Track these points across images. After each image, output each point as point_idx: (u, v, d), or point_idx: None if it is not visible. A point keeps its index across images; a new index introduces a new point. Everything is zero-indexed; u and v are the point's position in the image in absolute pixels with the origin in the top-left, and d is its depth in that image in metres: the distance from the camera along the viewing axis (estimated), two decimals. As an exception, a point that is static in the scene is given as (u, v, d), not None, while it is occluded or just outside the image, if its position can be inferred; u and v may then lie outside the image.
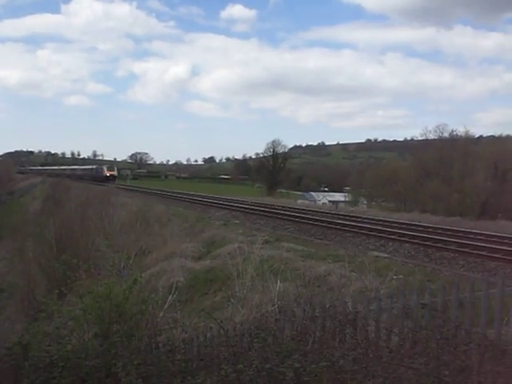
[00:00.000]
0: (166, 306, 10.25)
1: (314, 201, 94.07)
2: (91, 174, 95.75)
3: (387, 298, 6.88)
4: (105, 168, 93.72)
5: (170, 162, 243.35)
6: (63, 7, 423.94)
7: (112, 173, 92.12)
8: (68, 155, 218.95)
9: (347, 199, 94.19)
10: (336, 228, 24.76)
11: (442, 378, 4.76)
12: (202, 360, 6.46)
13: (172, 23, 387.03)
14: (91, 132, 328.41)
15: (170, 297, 10.98)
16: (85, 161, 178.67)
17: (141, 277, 9.74)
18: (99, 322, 8.28)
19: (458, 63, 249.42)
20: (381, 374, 4.75)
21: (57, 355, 6.59)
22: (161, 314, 9.72)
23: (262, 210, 34.37)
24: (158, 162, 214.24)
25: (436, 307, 6.18)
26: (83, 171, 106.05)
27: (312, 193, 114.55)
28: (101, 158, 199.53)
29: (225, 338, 6.33)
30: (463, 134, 75.96)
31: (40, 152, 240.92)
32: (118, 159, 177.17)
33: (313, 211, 34.79)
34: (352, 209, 47.22)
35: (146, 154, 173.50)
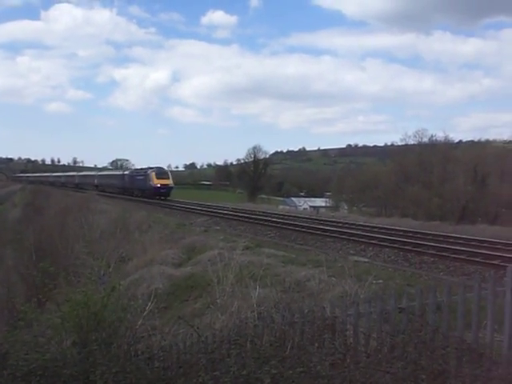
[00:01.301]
0: (145, 314, 10.18)
1: (295, 206, 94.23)
2: (122, 184, 67.26)
3: (365, 303, 6.88)
4: (152, 174, 56.57)
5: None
6: (43, 14, 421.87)
7: (166, 182, 56.68)
8: (48, 162, 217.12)
9: (328, 204, 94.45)
10: (317, 233, 24.81)
11: (420, 382, 4.78)
12: (180, 367, 6.42)
13: (153, 29, 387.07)
14: (71, 139, 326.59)
15: (150, 304, 10.91)
16: (65, 167, 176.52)
17: (119, 284, 9.71)
18: (77, 329, 8.25)
19: (437, 69, 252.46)
20: (358, 379, 4.75)
21: (35, 364, 6.52)
22: (140, 322, 9.66)
23: (242, 216, 34.36)
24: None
25: (414, 311, 6.20)
26: (104, 179, 78.84)
27: (293, 198, 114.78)
28: (81, 164, 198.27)
29: (203, 345, 6.31)
30: (443, 139, 76.69)
31: (20, 159, 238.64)
32: (99, 165, 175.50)
33: (293, 217, 34.87)
34: (333, 214, 47.36)
35: (127, 160, 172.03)
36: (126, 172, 71.27)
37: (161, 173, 58.26)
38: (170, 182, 57.53)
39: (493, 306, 5.68)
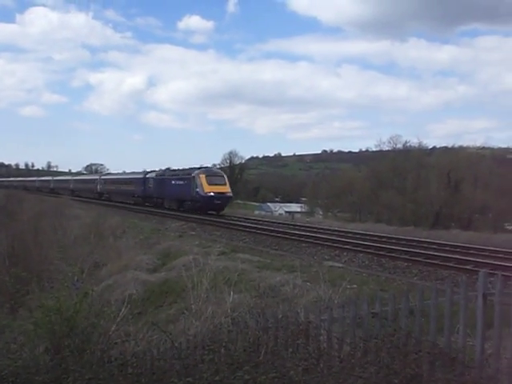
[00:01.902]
0: (118, 320, 10.08)
1: (271, 211, 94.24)
2: (142, 192, 52.45)
3: (339, 308, 6.91)
4: (202, 178, 40.39)
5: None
6: (18, 17, 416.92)
7: (222, 189, 40.48)
8: (22, 166, 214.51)
9: (303, 210, 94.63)
10: (292, 238, 24.84)
11: (393, 386, 4.80)
12: (154, 374, 6.37)
13: (129, 34, 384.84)
14: (46, 143, 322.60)
15: (123, 310, 10.83)
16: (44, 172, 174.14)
17: (92, 290, 9.62)
18: (50, 336, 8.16)
19: (412, 75, 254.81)
20: (332, 384, 4.76)
21: (7, 370, 6.44)
22: (113, 328, 9.56)
23: (218, 221, 34.29)
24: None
25: (387, 316, 6.23)
26: (111, 184, 64.29)
27: (269, 203, 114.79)
28: (55, 169, 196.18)
29: (177, 350, 6.28)
30: (417, 145, 77.53)
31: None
32: (73, 170, 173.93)
33: (269, 222, 34.89)
34: (308, 219, 47.54)
35: (102, 165, 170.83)
36: (149, 174, 52.53)
37: (213, 175, 42.11)
38: (227, 189, 41.04)
39: (465, 311, 5.73)
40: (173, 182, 45.88)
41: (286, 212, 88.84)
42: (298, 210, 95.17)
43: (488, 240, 24.18)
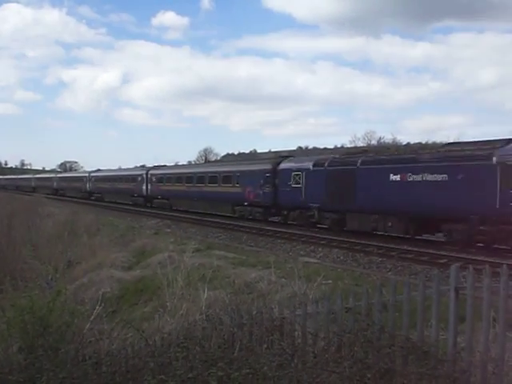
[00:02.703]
0: (92, 318, 10.01)
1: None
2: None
3: (313, 303, 6.94)
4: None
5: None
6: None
7: None
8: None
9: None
10: (267, 235, 24.91)
11: (366, 381, 4.82)
12: (128, 372, 6.34)
13: (103, 30, 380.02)
14: (19, 141, 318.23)
15: (97, 308, 10.75)
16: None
17: (65, 289, 9.54)
18: (23, 335, 8.09)
19: (386, 72, 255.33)
20: (306, 379, 4.77)
21: (-20, 370, 6.36)
22: (87, 326, 9.50)
23: (193, 219, 34.23)
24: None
25: (360, 311, 6.27)
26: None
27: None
28: (29, 167, 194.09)
29: (151, 348, 6.25)
30: (391, 141, 77.90)
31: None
32: (47, 168, 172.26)
33: (245, 218, 34.90)
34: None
35: (76, 162, 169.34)
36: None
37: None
38: None
39: (438, 305, 5.78)
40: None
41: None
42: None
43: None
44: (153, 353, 6.05)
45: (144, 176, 48.83)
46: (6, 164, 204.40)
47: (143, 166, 56.38)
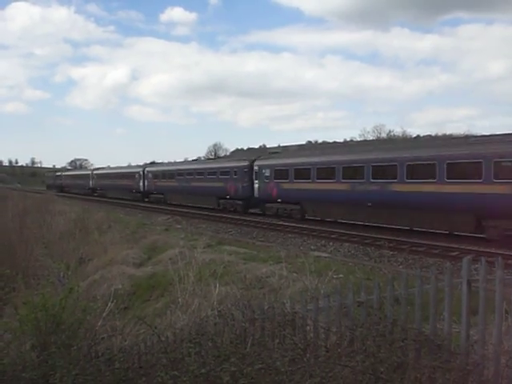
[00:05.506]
0: (104, 315, 10.07)
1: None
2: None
3: (325, 298, 6.91)
4: None
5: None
6: None
7: None
8: (5, 163, 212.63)
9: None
10: (278, 229, 24.89)
11: (379, 374, 4.80)
12: (141, 368, 6.36)
13: (111, 28, 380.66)
14: (29, 139, 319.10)
15: (110, 305, 10.80)
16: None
17: (77, 286, 9.57)
18: (36, 332, 8.12)
19: (395, 65, 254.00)
20: (318, 374, 4.76)
21: (-6, 368, 6.40)
22: (100, 323, 9.55)
23: (204, 214, 34.25)
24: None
25: (372, 305, 6.24)
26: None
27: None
28: (39, 165, 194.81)
29: (164, 344, 6.26)
30: (400, 134, 77.62)
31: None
32: (58, 166, 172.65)
33: (255, 214, 34.88)
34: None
35: (86, 160, 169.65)
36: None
37: None
38: None
39: (450, 298, 5.74)
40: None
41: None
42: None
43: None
44: (165, 349, 6.06)
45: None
46: (16, 162, 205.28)
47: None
